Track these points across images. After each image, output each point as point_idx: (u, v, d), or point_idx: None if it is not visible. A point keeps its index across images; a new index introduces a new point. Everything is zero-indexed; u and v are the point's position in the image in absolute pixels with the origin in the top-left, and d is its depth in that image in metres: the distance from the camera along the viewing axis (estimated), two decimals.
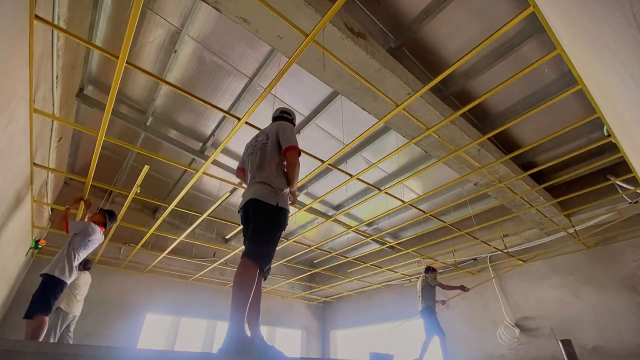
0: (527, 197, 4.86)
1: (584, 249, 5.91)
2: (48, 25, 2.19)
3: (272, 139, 2.34)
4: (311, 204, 4.89)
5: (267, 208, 2.04)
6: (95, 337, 6.23)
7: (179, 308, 7.48)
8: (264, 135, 2.43)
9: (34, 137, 2.95)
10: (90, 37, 3.44)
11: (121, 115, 4.33)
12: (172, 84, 2.90)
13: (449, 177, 5.15)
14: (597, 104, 2.74)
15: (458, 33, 3.36)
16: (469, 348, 6.85)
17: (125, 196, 4.39)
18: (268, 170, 2.20)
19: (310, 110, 4.50)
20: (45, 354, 1.07)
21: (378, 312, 9.10)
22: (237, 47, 3.71)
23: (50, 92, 3.07)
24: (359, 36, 2.77)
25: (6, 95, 2.12)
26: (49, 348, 1.19)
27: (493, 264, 6.96)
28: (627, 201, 4.77)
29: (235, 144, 5.23)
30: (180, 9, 3.35)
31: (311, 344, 10.00)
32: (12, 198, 3.17)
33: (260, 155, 2.30)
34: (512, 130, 4.51)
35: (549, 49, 3.09)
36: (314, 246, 6.39)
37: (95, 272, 6.43)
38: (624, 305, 5.19)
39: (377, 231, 7.22)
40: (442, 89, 3.95)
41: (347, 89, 3.21)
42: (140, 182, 3.92)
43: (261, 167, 2.24)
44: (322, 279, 9.43)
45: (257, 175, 2.21)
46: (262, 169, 2.22)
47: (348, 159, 5.21)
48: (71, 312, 4.47)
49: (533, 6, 2.15)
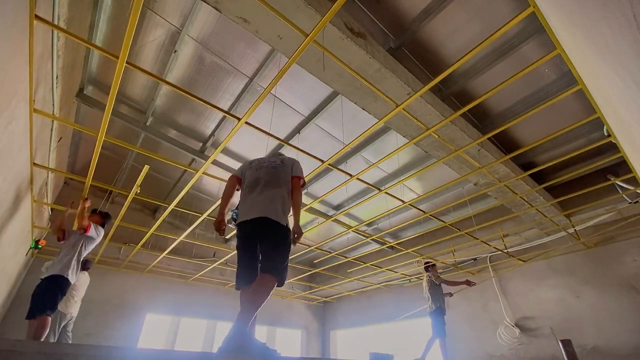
0: (527, 197, 4.86)
1: (584, 249, 5.91)
2: (48, 25, 2.19)
3: (287, 166, 2.50)
4: (311, 204, 4.89)
5: (283, 229, 2.20)
6: (95, 337, 6.23)
7: (179, 308, 7.48)
8: (278, 159, 2.57)
9: (34, 137, 2.95)
10: (90, 37, 3.44)
11: (121, 115, 4.33)
12: (172, 84, 2.90)
13: (449, 177, 5.15)
14: (597, 104, 2.74)
15: (458, 33, 3.36)
16: (469, 348, 6.85)
17: (125, 196, 4.39)
18: (280, 192, 2.31)
19: (310, 110, 4.50)
20: (46, 354, 1.07)
21: (378, 312, 9.10)
22: (237, 47, 3.71)
23: (50, 92, 3.07)
24: (359, 36, 2.77)
25: (6, 95, 2.12)
26: (49, 348, 1.19)
27: (493, 264, 6.96)
28: (627, 201, 4.77)
29: (235, 144, 5.23)
30: (180, 9, 3.35)
31: (311, 344, 10.00)
32: (12, 198, 3.17)
33: (274, 174, 2.41)
34: (512, 130, 4.51)
35: (549, 49, 3.09)
36: (314, 246, 6.39)
37: (95, 272, 6.43)
38: (624, 305, 5.19)
39: (377, 231, 7.22)
40: (442, 89, 3.95)
41: (347, 89, 3.21)
42: (140, 182, 3.92)
43: (275, 184, 2.34)
44: (322, 279, 9.43)
45: (265, 191, 2.30)
46: (275, 187, 2.32)
47: (348, 159, 5.22)
48: (69, 313, 4.48)
49: (533, 6, 2.15)
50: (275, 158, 2.60)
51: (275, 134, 3.75)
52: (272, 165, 2.47)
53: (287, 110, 4.49)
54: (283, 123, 4.69)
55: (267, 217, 2.16)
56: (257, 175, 2.42)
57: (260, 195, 2.28)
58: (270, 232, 2.16)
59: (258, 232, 2.19)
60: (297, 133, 4.81)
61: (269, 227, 2.16)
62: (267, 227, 2.16)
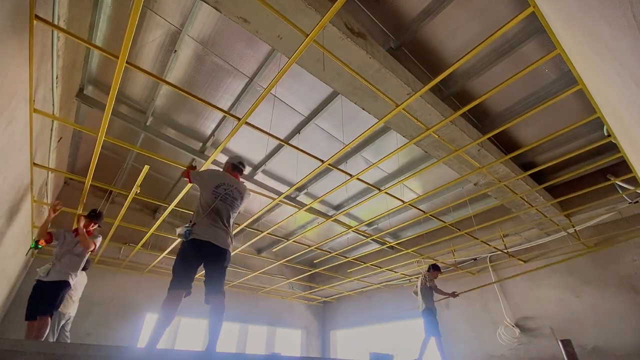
0: (527, 197, 4.85)
1: (584, 249, 5.91)
2: (48, 25, 2.19)
3: (240, 208, 2.92)
4: (311, 204, 4.89)
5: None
6: (95, 337, 6.23)
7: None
8: (238, 193, 2.89)
9: (34, 137, 2.95)
10: (90, 37, 3.44)
11: (121, 115, 4.33)
12: (172, 84, 2.90)
13: (449, 177, 5.15)
14: (597, 104, 2.74)
15: (458, 33, 3.36)
16: (469, 348, 6.85)
17: (125, 196, 4.38)
18: (231, 228, 2.77)
19: (310, 110, 4.50)
20: (45, 354, 1.07)
21: (378, 312, 9.10)
22: (237, 47, 3.71)
23: (50, 92, 3.07)
24: (359, 36, 2.77)
25: (6, 95, 2.12)
26: (49, 348, 1.19)
27: (493, 264, 6.96)
28: (627, 201, 4.77)
29: (235, 144, 5.23)
30: (180, 9, 3.35)
31: (311, 344, 10.00)
32: (12, 198, 3.16)
33: (232, 210, 2.81)
34: (512, 130, 4.51)
35: (549, 49, 3.10)
36: (314, 246, 6.39)
37: (95, 272, 6.43)
38: (624, 305, 5.19)
39: (377, 231, 7.22)
40: (442, 89, 3.95)
41: (347, 89, 3.21)
42: (140, 182, 3.92)
43: (229, 220, 2.77)
44: (322, 279, 9.43)
45: (227, 225, 2.72)
46: (229, 224, 2.77)
47: (348, 159, 5.21)
48: (67, 313, 4.50)
49: (533, 6, 2.14)
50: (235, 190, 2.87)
51: (275, 134, 3.75)
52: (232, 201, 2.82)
53: (287, 110, 4.48)
54: (283, 123, 4.69)
55: (229, 250, 2.68)
56: (221, 205, 2.74)
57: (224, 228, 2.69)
58: (227, 260, 2.66)
59: (217, 257, 2.61)
60: (297, 133, 4.81)
61: (227, 257, 2.66)
62: (227, 257, 2.66)
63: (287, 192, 4.57)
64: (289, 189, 4.53)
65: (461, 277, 7.50)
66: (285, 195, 4.68)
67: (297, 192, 6.10)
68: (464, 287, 6.60)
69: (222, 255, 2.61)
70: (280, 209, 6.75)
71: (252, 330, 8.94)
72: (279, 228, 6.81)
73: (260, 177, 5.78)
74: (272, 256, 8.32)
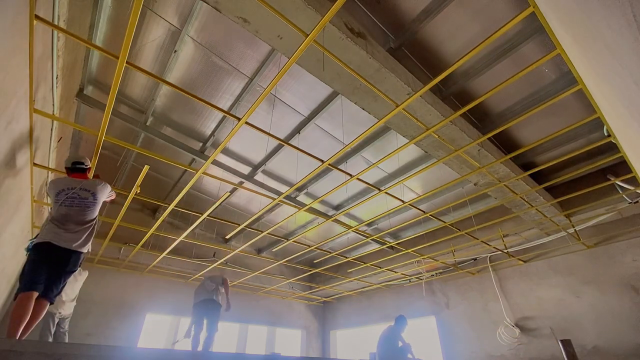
0: (527, 197, 4.85)
1: (584, 249, 5.91)
2: (48, 25, 2.19)
3: (98, 200, 2.95)
4: (311, 204, 4.89)
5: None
6: (95, 337, 6.23)
7: (179, 308, 7.47)
8: (85, 192, 2.91)
9: (34, 137, 2.95)
10: (90, 37, 3.44)
11: (121, 115, 4.33)
12: (172, 84, 2.90)
13: (449, 177, 5.15)
14: (597, 104, 2.74)
15: (458, 33, 3.36)
16: (469, 348, 6.85)
17: (125, 196, 4.38)
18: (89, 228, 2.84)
19: (310, 110, 4.50)
20: (45, 354, 1.07)
21: (378, 312, 9.10)
22: (237, 47, 3.71)
23: (50, 92, 3.07)
24: (359, 36, 2.77)
25: (6, 95, 2.12)
26: (49, 348, 1.19)
27: (493, 264, 6.96)
28: (627, 201, 4.77)
29: (235, 144, 5.23)
30: (180, 9, 3.36)
31: (311, 344, 10.00)
32: (12, 198, 3.16)
33: (86, 210, 2.85)
34: (512, 130, 4.51)
35: (549, 49, 3.10)
36: (314, 246, 6.39)
37: (95, 272, 6.44)
38: (624, 305, 5.19)
39: (377, 231, 7.22)
40: (442, 89, 3.95)
41: (347, 89, 3.21)
42: (140, 182, 3.92)
43: (84, 222, 2.82)
44: (322, 279, 9.43)
45: (79, 228, 2.77)
46: (84, 224, 2.81)
47: (348, 159, 5.21)
48: (57, 312, 4.57)
49: (533, 6, 2.15)
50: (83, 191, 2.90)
51: (275, 134, 3.76)
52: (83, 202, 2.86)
53: (287, 110, 4.49)
54: (283, 123, 4.69)
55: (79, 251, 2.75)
56: (67, 208, 2.79)
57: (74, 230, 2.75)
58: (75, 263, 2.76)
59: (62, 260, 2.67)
60: (297, 133, 4.81)
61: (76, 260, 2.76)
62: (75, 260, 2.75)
63: (287, 192, 4.57)
64: (289, 189, 4.53)
65: (461, 277, 7.51)
66: (285, 195, 4.68)
67: (297, 192, 6.10)
68: (464, 287, 6.59)
69: (70, 257, 2.70)
70: (280, 209, 6.75)
71: (252, 330, 8.94)
72: (279, 228, 6.81)
73: (260, 177, 5.78)
74: (272, 256, 8.32)
